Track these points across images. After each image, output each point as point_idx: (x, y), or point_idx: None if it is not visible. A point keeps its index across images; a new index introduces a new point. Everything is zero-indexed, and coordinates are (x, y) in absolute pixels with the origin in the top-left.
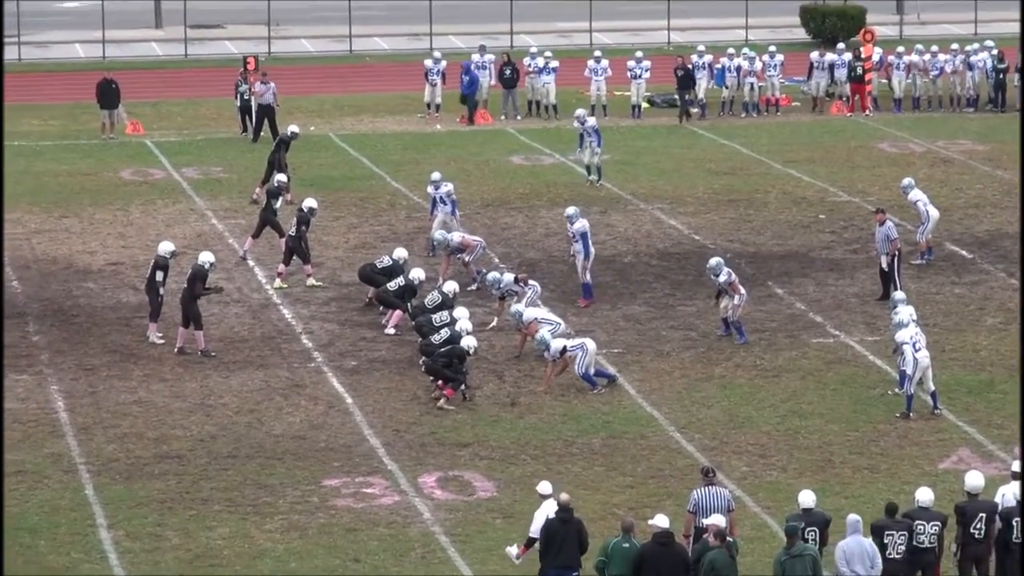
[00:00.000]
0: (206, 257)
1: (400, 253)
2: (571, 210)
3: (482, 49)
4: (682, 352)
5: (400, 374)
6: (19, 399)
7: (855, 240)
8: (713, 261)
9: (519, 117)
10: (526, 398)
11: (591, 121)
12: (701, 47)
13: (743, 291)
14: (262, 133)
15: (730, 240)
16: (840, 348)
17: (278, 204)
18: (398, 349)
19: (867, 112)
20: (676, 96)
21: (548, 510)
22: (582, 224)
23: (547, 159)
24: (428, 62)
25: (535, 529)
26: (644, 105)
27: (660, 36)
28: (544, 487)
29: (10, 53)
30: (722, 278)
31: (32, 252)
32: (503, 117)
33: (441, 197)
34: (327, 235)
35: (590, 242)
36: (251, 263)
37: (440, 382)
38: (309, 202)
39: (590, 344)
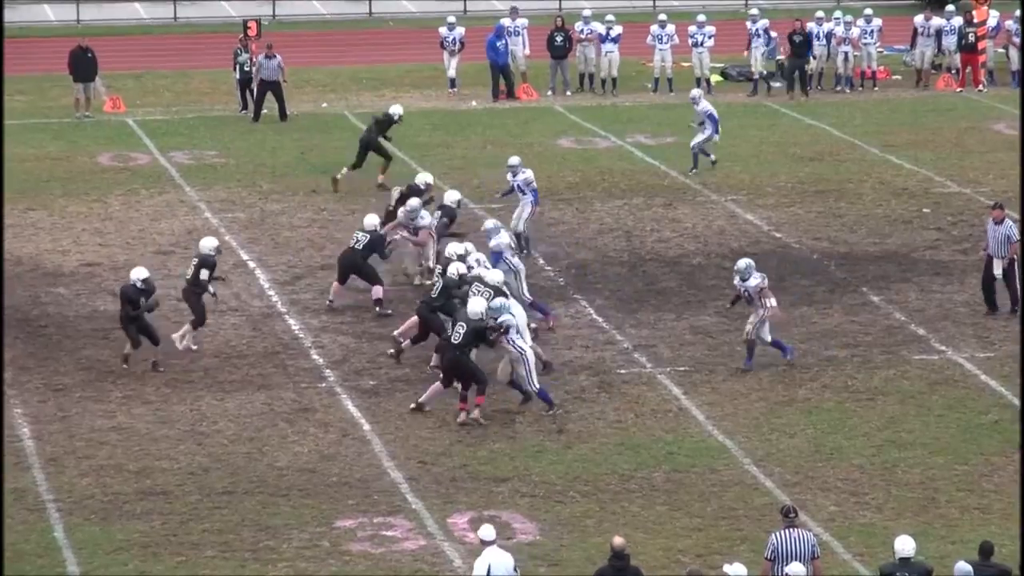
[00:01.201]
0: (209, 243)
1: (372, 220)
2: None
3: (514, 12)
4: (760, 370)
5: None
6: None
7: (965, 238)
8: (742, 263)
9: (569, 92)
10: (575, 424)
11: (704, 104)
12: (755, 11)
13: (774, 302)
14: (263, 111)
15: (817, 238)
16: (947, 366)
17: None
18: (424, 367)
19: (980, 87)
20: (784, 67)
21: (490, 559)
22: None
23: (602, 142)
24: (442, 29)
25: None
26: (715, 78)
27: None
28: (486, 532)
29: None
30: (752, 282)
31: None
32: (550, 92)
33: (519, 185)
34: (341, 231)
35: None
36: (251, 263)
37: (462, 387)
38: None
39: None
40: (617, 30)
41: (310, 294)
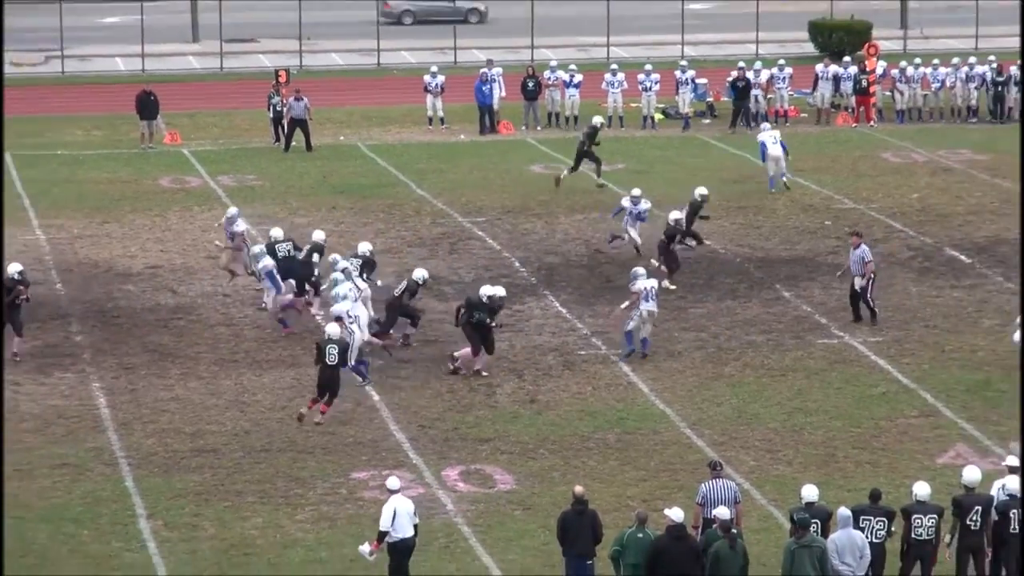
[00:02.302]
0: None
1: (318, 235)
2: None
3: (490, 63)
4: (693, 352)
5: (425, 372)
6: (63, 396)
7: None
8: (637, 270)
9: (539, 128)
10: (544, 396)
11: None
12: (684, 62)
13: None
14: (292, 143)
15: (740, 245)
16: (844, 348)
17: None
18: (423, 349)
19: (871, 123)
20: (733, 105)
21: (396, 504)
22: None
23: (566, 168)
24: (426, 76)
25: (385, 522)
26: (658, 116)
27: (674, 51)
28: (392, 482)
29: (53, 67)
30: (638, 285)
31: (75, 256)
32: (524, 128)
33: (639, 213)
34: (356, 239)
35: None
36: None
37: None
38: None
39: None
40: (578, 77)
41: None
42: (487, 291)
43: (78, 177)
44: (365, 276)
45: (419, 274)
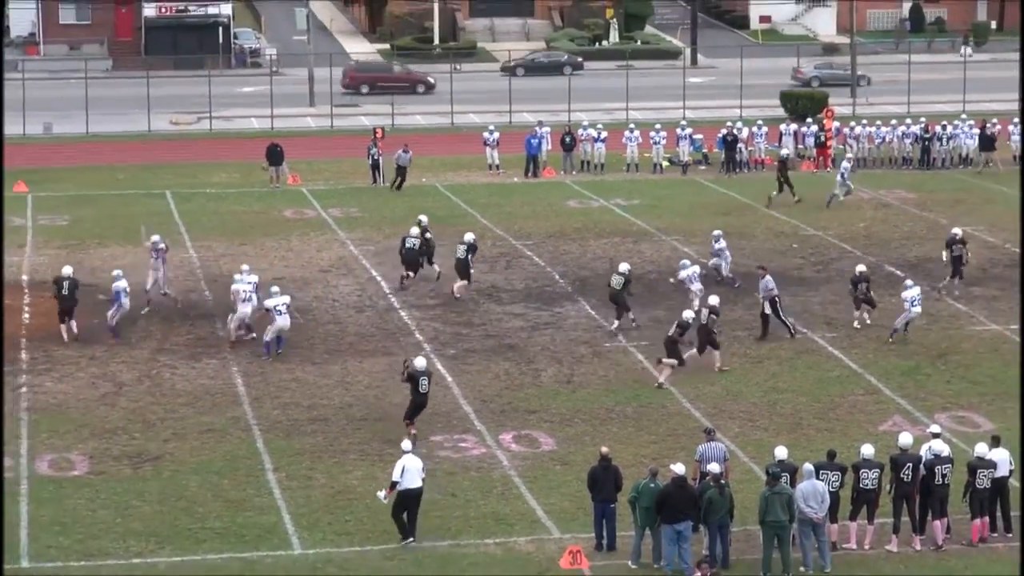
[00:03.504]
0: (470, 236)
1: (469, 236)
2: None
3: (540, 124)
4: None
5: (487, 360)
6: (209, 377)
7: (819, 263)
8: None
9: (575, 173)
10: (578, 378)
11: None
12: (683, 122)
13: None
14: (394, 184)
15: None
16: (807, 342)
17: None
18: (485, 341)
19: (828, 169)
20: (723, 155)
21: (405, 462)
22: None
23: (595, 203)
24: (485, 133)
25: (396, 475)
26: (665, 164)
27: (677, 113)
28: (405, 444)
29: (204, 125)
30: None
31: (219, 270)
32: (563, 172)
33: (718, 251)
34: (436, 258)
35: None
36: (378, 277)
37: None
38: (469, 236)
39: (279, 321)
40: (604, 134)
41: (414, 296)
42: (468, 237)
43: (221, 210)
44: (470, 256)
45: (469, 237)
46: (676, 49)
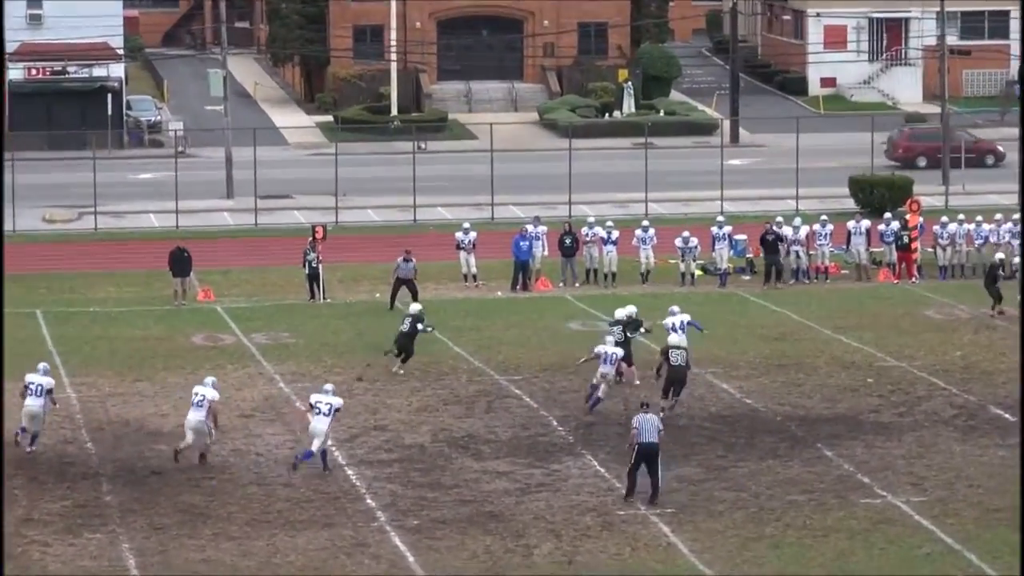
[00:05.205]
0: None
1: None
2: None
3: (536, 220)
4: (734, 512)
5: (461, 533)
6: (92, 557)
7: (902, 403)
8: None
9: (577, 284)
10: (583, 557)
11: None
12: (721, 218)
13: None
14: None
15: (780, 403)
16: (887, 508)
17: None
18: (458, 508)
19: (913, 280)
20: (761, 261)
21: None
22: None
23: (603, 325)
24: (458, 234)
25: None
26: (698, 273)
27: (711, 206)
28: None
29: (87, 223)
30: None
31: (106, 414)
32: (561, 284)
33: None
34: (391, 398)
35: None
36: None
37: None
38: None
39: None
40: (615, 234)
41: (364, 450)
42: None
43: (110, 334)
44: (628, 333)
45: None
46: (711, 122)
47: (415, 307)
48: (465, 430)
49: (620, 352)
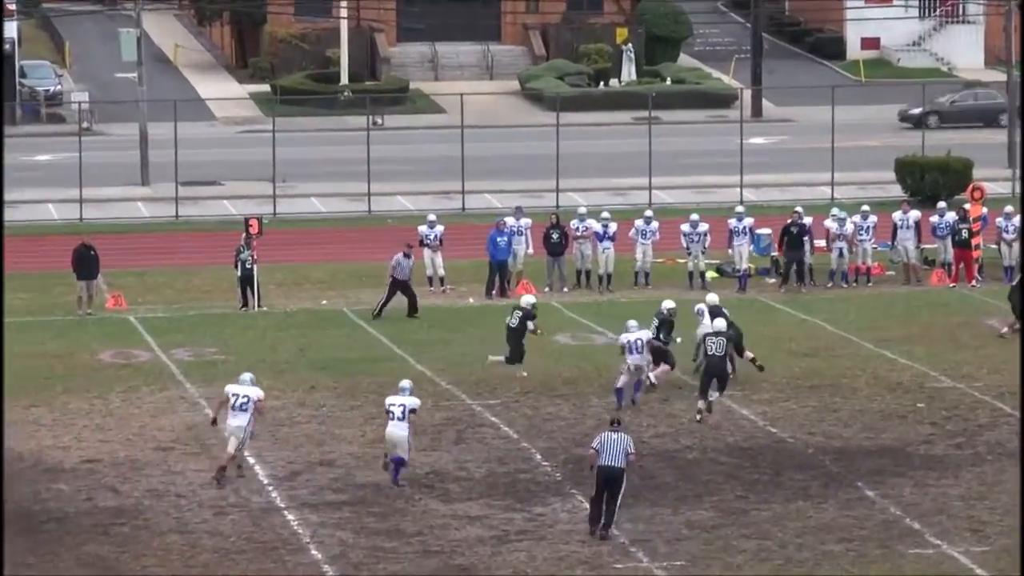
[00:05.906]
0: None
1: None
2: None
3: (518, 211)
4: (756, 564)
5: None
6: None
7: (960, 433)
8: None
9: (566, 289)
10: None
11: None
12: (740, 208)
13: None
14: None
15: (812, 433)
16: (943, 560)
17: None
18: (422, 560)
19: (973, 283)
20: (782, 259)
21: None
22: None
23: (598, 338)
24: (422, 228)
25: None
26: (710, 275)
27: (729, 194)
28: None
29: None
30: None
31: None
32: (547, 289)
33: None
34: (340, 427)
35: None
36: (250, 458)
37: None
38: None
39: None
40: (613, 227)
41: (308, 489)
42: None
43: None
44: (662, 336)
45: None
46: (729, 92)
47: (528, 298)
48: (430, 465)
49: (647, 335)
